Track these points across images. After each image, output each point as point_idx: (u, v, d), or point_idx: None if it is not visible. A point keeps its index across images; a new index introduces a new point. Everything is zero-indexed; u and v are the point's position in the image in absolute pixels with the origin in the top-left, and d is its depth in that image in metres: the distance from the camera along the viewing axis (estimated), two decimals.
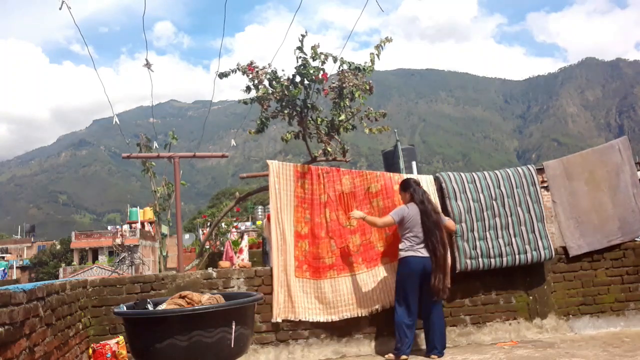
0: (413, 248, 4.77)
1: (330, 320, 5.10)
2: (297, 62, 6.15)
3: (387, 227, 5.20)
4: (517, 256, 5.36)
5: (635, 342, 4.91)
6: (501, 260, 5.34)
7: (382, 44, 6.28)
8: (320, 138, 6.56)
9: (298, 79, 6.21)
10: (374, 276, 5.21)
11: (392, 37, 6.43)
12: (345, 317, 5.11)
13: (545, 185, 5.85)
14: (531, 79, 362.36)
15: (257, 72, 6.16)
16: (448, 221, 5.03)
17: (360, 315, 5.14)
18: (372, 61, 6.24)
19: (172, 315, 3.64)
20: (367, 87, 6.25)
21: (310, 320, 5.06)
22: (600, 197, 5.68)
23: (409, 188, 5.00)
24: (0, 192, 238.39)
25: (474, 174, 5.64)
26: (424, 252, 4.75)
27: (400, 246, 4.85)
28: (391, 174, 5.58)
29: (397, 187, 5.41)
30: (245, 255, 9.73)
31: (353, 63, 6.20)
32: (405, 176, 5.71)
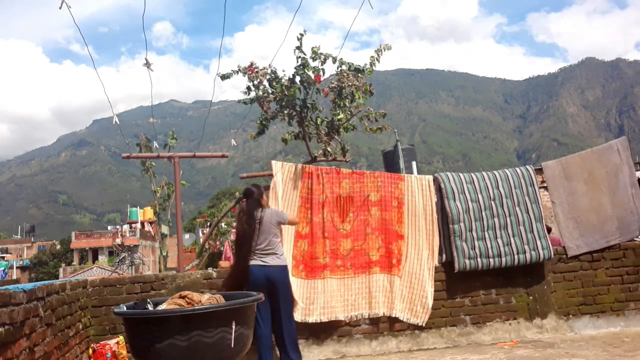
0: (254, 257, 4.60)
1: (318, 321, 5.08)
2: (297, 62, 6.17)
3: (379, 237, 5.28)
4: (516, 256, 5.37)
5: (635, 342, 4.91)
6: (500, 260, 5.35)
7: (383, 50, 6.34)
8: (320, 138, 6.57)
9: (298, 79, 6.23)
10: (359, 283, 5.22)
11: (391, 45, 6.55)
12: (331, 319, 5.11)
13: (544, 185, 5.86)
14: (531, 79, 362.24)
15: (257, 72, 6.17)
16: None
17: (340, 319, 5.14)
18: (372, 64, 6.28)
19: (172, 315, 3.63)
20: (367, 89, 6.27)
21: (298, 320, 4.98)
22: (599, 198, 5.68)
23: (246, 197, 4.82)
24: (0, 192, 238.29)
25: (472, 174, 5.65)
26: (267, 260, 4.58)
27: None
28: (392, 187, 5.49)
29: (395, 202, 5.42)
30: None
31: (352, 64, 6.23)
32: (407, 176, 5.71)
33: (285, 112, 6.39)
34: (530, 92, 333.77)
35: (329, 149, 6.63)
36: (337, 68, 6.26)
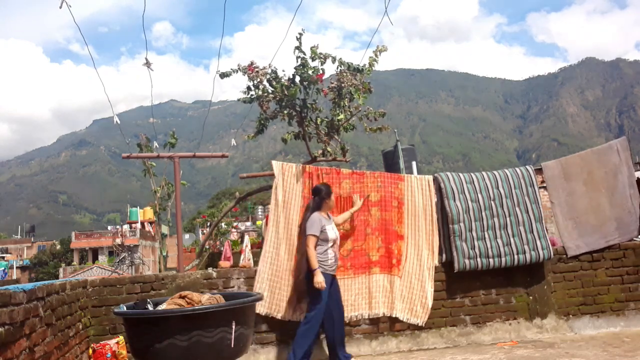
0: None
1: None
2: (297, 62, 6.19)
3: (379, 237, 5.28)
4: (515, 256, 5.37)
5: (635, 342, 4.91)
6: (500, 260, 5.35)
7: (379, 51, 6.38)
8: (320, 138, 6.58)
9: (297, 79, 6.24)
10: (359, 283, 5.21)
11: (387, 47, 6.59)
12: None
13: (544, 185, 5.86)
14: (531, 79, 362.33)
15: (257, 72, 6.18)
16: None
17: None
18: (371, 64, 6.30)
19: (172, 315, 3.64)
20: (367, 88, 6.29)
21: (295, 320, 4.96)
22: (598, 198, 5.68)
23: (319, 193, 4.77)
24: (0, 192, 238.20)
25: (472, 174, 5.65)
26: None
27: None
28: (392, 188, 5.47)
29: (395, 202, 5.42)
30: (247, 255, 9.71)
31: (352, 64, 6.24)
32: (407, 176, 5.71)
33: (285, 112, 6.40)
34: (530, 92, 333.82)
35: (329, 149, 6.64)
36: (337, 68, 6.28)
